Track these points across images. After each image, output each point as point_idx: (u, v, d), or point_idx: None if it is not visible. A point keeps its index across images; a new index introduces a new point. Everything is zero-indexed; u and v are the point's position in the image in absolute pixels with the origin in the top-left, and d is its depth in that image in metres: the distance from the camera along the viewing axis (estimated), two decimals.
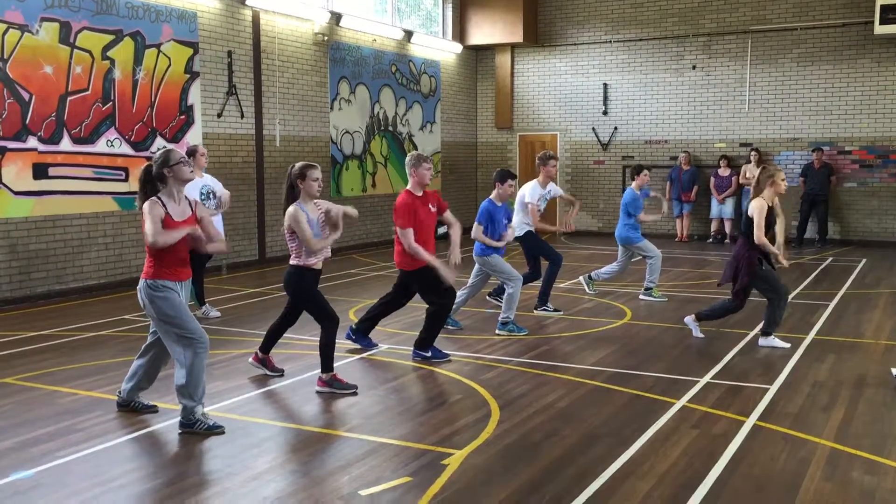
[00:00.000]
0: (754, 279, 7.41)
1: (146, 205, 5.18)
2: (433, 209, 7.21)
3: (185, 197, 5.36)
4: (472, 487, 4.40)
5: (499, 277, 8.28)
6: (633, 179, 10.11)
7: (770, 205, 7.38)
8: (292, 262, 6.18)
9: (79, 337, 8.08)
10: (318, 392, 6.10)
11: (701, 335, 7.89)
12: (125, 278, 10.94)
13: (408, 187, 7.15)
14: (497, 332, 8.08)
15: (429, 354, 7.10)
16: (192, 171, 5.37)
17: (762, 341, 7.58)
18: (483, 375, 6.62)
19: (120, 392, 5.75)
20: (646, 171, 10.09)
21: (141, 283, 5.28)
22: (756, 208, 7.28)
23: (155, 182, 5.28)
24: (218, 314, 9.07)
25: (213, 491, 4.42)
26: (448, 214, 7.35)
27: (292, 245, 6.12)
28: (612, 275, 10.35)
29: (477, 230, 8.04)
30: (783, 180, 7.43)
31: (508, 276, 8.11)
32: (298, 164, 6.11)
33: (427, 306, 7.19)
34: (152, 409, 5.69)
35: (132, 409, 5.67)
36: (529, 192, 9.13)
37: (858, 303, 9.78)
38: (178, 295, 5.26)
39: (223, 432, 5.22)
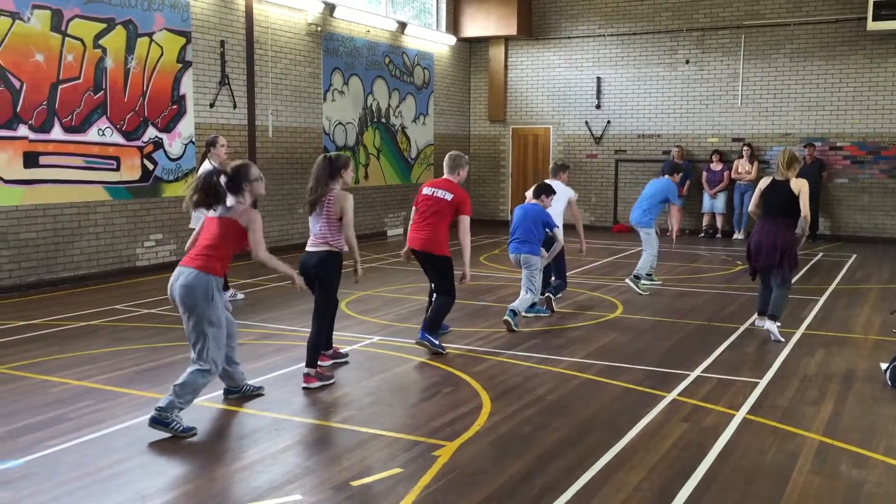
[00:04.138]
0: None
1: (258, 216, 5.20)
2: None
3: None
4: (462, 479, 4.41)
5: (529, 279, 8.21)
6: (664, 174, 10.35)
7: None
8: (325, 247, 6.05)
9: (70, 326, 8.05)
10: (305, 388, 6.01)
11: (782, 339, 7.55)
12: (116, 268, 10.90)
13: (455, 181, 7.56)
14: (525, 313, 8.24)
15: (437, 342, 7.06)
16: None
17: (769, 325, 7.60)
18: (474, 367, 6.63)
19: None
20: (677, 174, 10.46)
21: (200, 275, 5.08)
22: (804, 185, 7.42)
23: (219, 191, 5.15)
24: (242, 296, 9.50)
25: (203, 481, 4.42)
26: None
27: (331, 229, 6.04)
28: (651, 263, 10.30)
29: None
30: None
31: (532, 286, 8.19)
32: (343, 155, 6.18)
33: (439, 294, 7.25)
34: (259, 392, 5.84)
35: (243, 394, 5.77)
36: (566, 190, 9.09)
37: (848, 298, 9.83)
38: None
39: (196, 434, 5.07)
